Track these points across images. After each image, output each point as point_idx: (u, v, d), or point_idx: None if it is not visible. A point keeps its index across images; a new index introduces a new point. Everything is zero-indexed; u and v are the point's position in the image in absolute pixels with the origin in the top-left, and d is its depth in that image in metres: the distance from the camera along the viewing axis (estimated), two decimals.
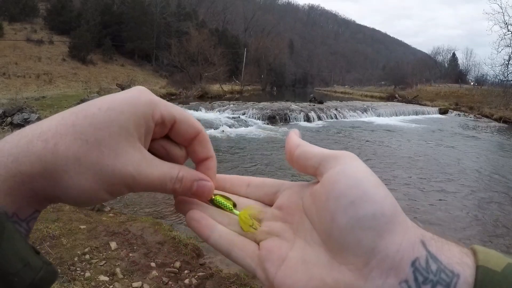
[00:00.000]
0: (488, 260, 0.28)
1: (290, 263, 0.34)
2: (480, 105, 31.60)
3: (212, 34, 44.67)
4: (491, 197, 7.93)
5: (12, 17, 38.82)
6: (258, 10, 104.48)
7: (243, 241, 0.38)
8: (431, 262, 0.28)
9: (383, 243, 0.29)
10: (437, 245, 0.29)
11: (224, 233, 0.39)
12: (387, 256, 0.28)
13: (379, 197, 0.30)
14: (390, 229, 0.29)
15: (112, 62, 42.83)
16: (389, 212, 0.30)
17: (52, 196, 0.34)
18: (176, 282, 3.48)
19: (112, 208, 5.29)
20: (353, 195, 0.30)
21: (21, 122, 10.67)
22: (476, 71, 64.40)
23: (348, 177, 0.32)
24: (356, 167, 0.33)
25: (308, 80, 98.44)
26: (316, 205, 0.34)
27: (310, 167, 0.36)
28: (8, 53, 32.48)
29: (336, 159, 0.34)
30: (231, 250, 0.38)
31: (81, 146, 0.33)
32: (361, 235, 0.29)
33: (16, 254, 0.30)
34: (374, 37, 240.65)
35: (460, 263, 0.28)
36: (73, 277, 3.28)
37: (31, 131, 0.33)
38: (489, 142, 16.31)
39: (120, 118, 0.35)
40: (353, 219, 0.30)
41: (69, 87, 28.17)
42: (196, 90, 31.44)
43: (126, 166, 0.35)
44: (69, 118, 0.34)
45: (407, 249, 0.29)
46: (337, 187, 0.32)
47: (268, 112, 18.09)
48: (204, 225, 0.39)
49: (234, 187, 0.44)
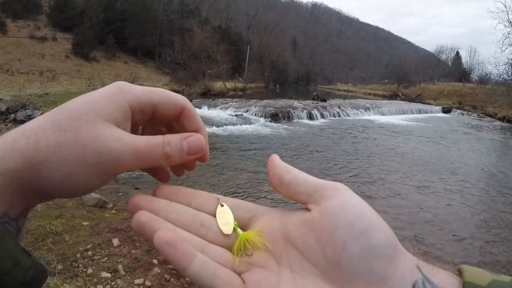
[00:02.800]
0: (474, 277, 0.30)
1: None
2: (484, 104, 31.51)
3: (215, 31, 44.51)
4: (493, 197, 7.91)
5: (16, 14, 38.80)
6: (261, 7, 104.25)
7: (227, 273, 0.35)
8: (426, 284, 0.30)
9: (392, 270, 0.30)
10: (427, 269, 0.31)
11: (205, 262, 0.34)
12: (395, 281, 0.30)
13: (384, 227, 0.32)
14: (396, 256, 0.31)
15: (115, 59, 42.79)
16: (393, 241, 0.31)
17: (39, 189, 0.34)
18: (178, 279, 3.49)
19: (115, 204, 5.29)
20: (362, 225, 0.31)
21: (25, 118, 10.69)
22: (480, 70, 64.33)
23: (354, 207, 0.32)
24: (356, 198, 0.33)
25: (311, 77, 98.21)
26: (317, 235, 0.33)
27: (302, 194, 0.35)
28: (11, 50, 32.47)
29: (335, 189, 0.34)
30: (213, 284, 0.34)
31: (60, 136, 0.34)
32: (373, 263, 0.30)
33: (7, 253, 0.30)
34: (377, 35, 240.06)
35: (449, 283, 0.30)
36: (75, 274, 3.28)
37: (15, 132, 0.35)
38: (493, 142, 16.26)
39: (95, 107, 0.36)
40: (366, 248, 0.30)
41: (73, 84, 28.20)
42: (199, 87, 31.43)
43: (107, 141, 0.35)
44: (49, 116, 0.35)
45: (408, 274, 0.30)
46: (345, 217, 0.32)
47: (271, 109, 18.07)
48: (181, 251, 0.34)
49: (203, 205, 0.40)
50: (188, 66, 36.03)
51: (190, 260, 0.34)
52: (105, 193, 5.62)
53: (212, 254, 0.36)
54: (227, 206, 0.39)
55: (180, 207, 0.39)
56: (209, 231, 0.38)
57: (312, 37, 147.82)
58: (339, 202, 0.33)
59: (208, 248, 0.36)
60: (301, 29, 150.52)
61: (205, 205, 0.39)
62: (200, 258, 0.34)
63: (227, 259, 0.36)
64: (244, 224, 0.38)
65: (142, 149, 0.36)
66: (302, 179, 0.36)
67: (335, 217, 0.32)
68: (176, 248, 0.34)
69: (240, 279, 0.34)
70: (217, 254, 0.36)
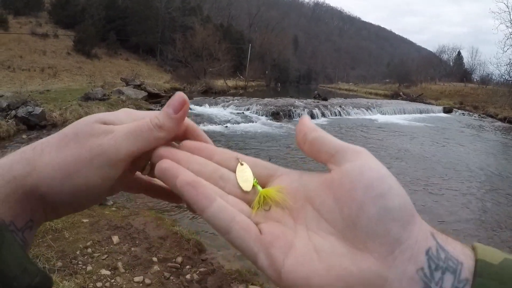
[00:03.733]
0: (486, 255, 0.30)
1: (300, 251, 0.33)
2: (485, 104, 31.43)
3: (216, 29, 44.48)
4: (494, 197, 7.89)
5: (17, 11, 38.85)
6: (263, 5, 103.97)
7: (245, 221, 0.35)
8: (440, 251, 0.30)
9: (406, 234, 0.30)
10: (442, 238, 0.32)
11: (224, 207, 0.35)
12: (409, 246, 0.30)
13: (403, 193, 0.32)
14: (412, 221, 0.31)
15: (117, 56, 42.84)
16: (410, 207, 0.31)
17: (42, 197, 0.36)
18: (177, 277, 3.48)
19: (115, 202, 5.29)
20: (382, 188, 0.31)
21: (25, 115, 10.67)
22: (481, 70, 64.20)
23: (374, 171, 0.33)
24: (378, 163, 0.34)
25: (312, 76, 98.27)
26: (336, 194, 0.34)
27: (324, 153, 0.36)
28: (13, 46, 32.51)
29: (357, 152, 0.35)
30: (231, 228, 0.34)
31: (62, 141, 0.37)
32: (390, 226, 0.30)
33: (15, 260, 0.32)
34: (379, 34, 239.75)
35: (463, 253, 0.31)
36: (74, 271, 3.28)
37: (26, 146, 0.37)
38: (493, 142, 16.23)
39: (97, 116, 0.39)
40: (384, 209, 0.30)
41: (74, 81, 28.21)
42: (200, 85, 31.39)
43: (99, 135, 0.37)
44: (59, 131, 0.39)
45: (422, 240, 0.31)
46: (365, 179, 0.32)
47: (272, 108, 18.04)
48: (201, 193, 0.35)
49: (224, 161, 0.41)
50: (189, 64, 36.01)
51: (211, 202, 0.35)
52: None
53: (231, 202, 0.37)
54: (247, 165, 0.40)
55: (201, 159, 0.40)
56: (227, 183, 0.39)
57: (314, 35, 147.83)
58: (361, 164, 0.33)
59: (227, 198, 0.37)
60: (303, 28, 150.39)
61: (225, 162, 0.41)
62: (220, 202, 0.35)
63: (244, 210, 0.37)
64: (263, 182, 0.39)
65: (132, 128, 0.38)
66: (326, 138, 0.36)
67: (355, 178, 0.33)
68: (198, 190, 0.35)
69: (257, 228, 0.35)
70: (235, 203, 0.37)
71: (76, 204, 0.38)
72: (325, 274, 0.31)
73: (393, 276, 0.30)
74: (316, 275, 0.31)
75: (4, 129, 9.83)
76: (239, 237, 0.34)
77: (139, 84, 20.34)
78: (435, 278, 0.29)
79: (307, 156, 0.38)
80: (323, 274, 0.31)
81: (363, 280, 0.30)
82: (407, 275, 0.29)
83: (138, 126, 0.39)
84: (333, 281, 0.31)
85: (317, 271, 0.31)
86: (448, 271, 0.29)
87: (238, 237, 0.34)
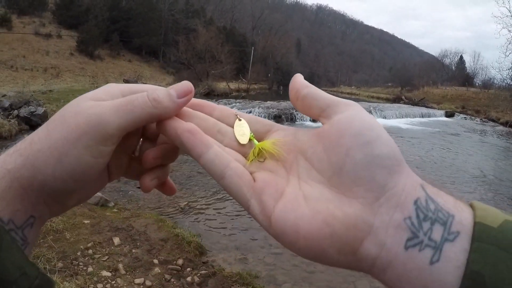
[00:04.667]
0: (485, 217, 0.29)
1: (289, 197, 0.33)
2: (487, 108, 31.37)
3: (219, 32, 44.62)
4: (496, 201, 7.87)
5: (21, 11, 38.99)
6: (266, 8, 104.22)
7: (240, 167, 0.36)
8: (429, 202, 0.30)
9: (393, 182, 0.30)
10: (433, 190, 0.31)
11: (220, 153, 0.37)
12: (395, 193, 0.30)
13: (391, 143, 0.32)
14: (398, 170, 0.31)
15: (120, 57, 42.93)
16: (398, 157, 0.32)
17: (40, 187, 0.35)
18: (178, 280, 3.48)
19: (116, 203, 5.29)
20: (369, 136, 0.32)
21: (28, 115, 10.70)
22: (483, 75, 64.04)
23: (363, 121, 0.33)
24: (367, 114, 0.34)
25: (315, 80, 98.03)
26: (325, 143, 0.34)
27: (316, 108, 0.37)
28: (16, 46, 32.61)
29: (347, 105, 0.35)
30: (225, 173, 0.35)
31: (49, 125, 0.36)
32: (375, 172, 0.30)
33: (14, 263, 0.31)
34: (382, 38, 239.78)
35: (454, 206, 0.30)
36: (75, 272, 3.28)
37: (19, 141, 0.37)
38: (495, 146, 16.20)
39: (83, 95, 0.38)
40: (369, 156, 0.31)
41: (76, 82, 28.29)
42: (203, 88, 31.41)
43: (87, 111, 0.35)
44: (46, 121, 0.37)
45: (411, 189, 0.30)
46: (354, 126, 0.33)
47: (274, 111, 18.01)
48: (199, 140, 0.37)
49: (223, 117, 0.42)
50: (192, 66, 36.11)
51: (207, 148, 0.36)
52: (106, 192, 5.61)
53: (227, 152, 0.38)
54: (244, 120, 0.41)
55: (201, 114, 0.41)
56: (225, 137, 0.40)
57: (317, 39, 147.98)
58: (350, 114, 0.34)
59: (223, 148, 0.38)
60: (306, 31, 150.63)
61: (225, 118, 0.42)
62: (216, 148, 0.37)
63: (240, 160, 0.38)
64: (259, 137, 0.40)
65: (123, 101, 0.37)
66: (317, 94, 0.37)
67: (344, 126, 0.33)
68: (195, 136, 0.37)
69: (250, 176, 0.36)
70: (231, 153, 0.38)
71: (76, 189, 0.37)
72: (311, 219, 0.31)
73: (379, 222, 0.30)
74: (303, 221, 0.31)
75: (6, 128, 9.86)
76: (233, 183, 0.35)
77: None
78: (423, 228, 0.29)
79: (300, 112, 0.39)
80: (310, 219, 0.31)
81: (348, 224, 0.30)
82: (394, 223, 0.29)
83: (131, 99, 0.37)
84: (319, 225, 0.31)
85: (304, 217, 0.31)
86: (437, 222, 0.29)
87: (232, 183, 0.35)
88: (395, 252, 0.29)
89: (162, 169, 0.43)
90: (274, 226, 0.33)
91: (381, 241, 0.29)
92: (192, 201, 6.07)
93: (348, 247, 0.30)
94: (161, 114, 0.38)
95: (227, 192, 0.36)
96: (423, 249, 0.28)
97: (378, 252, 0.29)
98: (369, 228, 0.30)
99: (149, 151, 0.41)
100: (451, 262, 0.28)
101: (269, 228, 0.33)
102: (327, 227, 0.30)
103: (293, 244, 0.32)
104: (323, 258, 0.31)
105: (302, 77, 0.40)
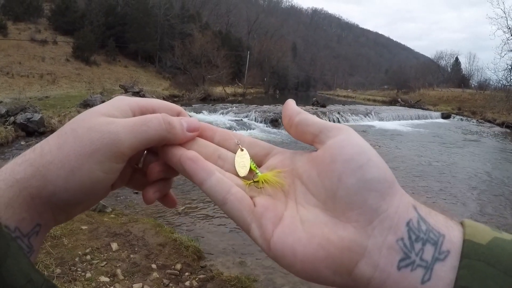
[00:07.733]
0: (474, 234, 0.30)
1: (287, 221, 0.35)
2: (483, 109, 31.56)
3: (215, 36, 44.57)
4: (493, 203, 7.90)
5: (17, 17, 38.88)
6: (262, 13, 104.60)
7: (240, 193, 0.38)
8: (421, 223, 0.31)
9: (385, 205, 0.31)
10: (424, 211, 0.32)
11: (221, 180, 0.38)
12: (388, 216, 0.31)
13: (382, 165, 0.33)
14: (391, 193, 0.32)
15: (116, 63, 42.85)
16: (390, 179, 0.32)
17: (49, 197, 0.35)
18: (176, 284, 3.48)
19: (114, 209, 5.29)
20: (361, 160, 0.33)
21: (24, 121, 10.68)
22: (479, 76, 64.39)
23: (354, 145, 0.34)
24: (358, 137, 0.35)
25: (311, 83, 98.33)
26: (319, 168, 0.35)
27: (309, 133, 0.38)
28: (12, 52, 32.53)
29: (339, 129, 0.36)
30: (227, 199, 0.37)
31: (60, 138, 0.37)
32: (367, 196, 0.31)
33: (20, 270, 0.31)
34: (377, 41, 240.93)
35: (445, 225, 0.31)
36: (73, 278, 3.27)
37: (26, 150, 0.37)
38: (492, 148, 16.28)
39: (94, 109, 0.39)
40: (361, 180, 0.32)
41: (73, 88, 28.21)
42: (199, 92, 31.45)
43: (100, 128, 0.36)
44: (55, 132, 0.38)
45: (403, 211, 0.31)
46: (345, 152, 0.34)
47: (271, 115, 18.02)
48: (201, 167, 0.38)
49: (224, 141, 0.43)
50: (188, 71, 36.08)
51: (209, 175, 0.38)
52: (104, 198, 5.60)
53: (228, 177, 0.39)
54: (246, 151, 0.42)
55: (202, 141, 0.42)
56: (226, 163, 0.41)
57: (312, 42, 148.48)
58: (341, 139, 0.35)
59: (224, 173, 0.40)
60: (301, 35, 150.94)
61: (225, 141, 0.43)
62: (217, 175, 0.38)
63: (240, 185, 0.39)
64: (259, 160, 0.42)
65: (137, 121, 0.38)
66: (310, 119, 0.38)
67: (335, 151, 0.34)
68: (197, 164, 0.38)
69: (251, 200, 0.37)
70: (232, 178, 0.39)
71: (83, 201, 0.38)
72: (307, 242, 0.32)
73: (372, 245, 0.30)
74: (300, 244, 0.32)
75: (3, 135, 9.84)
76: (234, 208, 0.37)
77: (138, 91, 20.44)
78: (415, 249, 0.30)
79: (294, 138, 0.40)
80: (306, 243, 0.32)
81: (342, 248, 0.31)
82: (387, 244, 0.30)
83: (145, 120, 0.39)
84: (315, 249, 0.32)
85: (301, 240, 0.33)
86: (429, 243, 0.30)
87: (233, 208, 0.37)
88: (388, 272, 0.30)
89: (165, 182, 0.44)
90: (273, 250, 0.34)
91: (375, 262, 0.30)
92: (189, 205, 6.07)
93: (343, 268, 0.31)
94: (171, 139, 0.40)
95: (229, 216, 0.37)
96: (415, 269, 0.29)
97: (372, 273, 0.30)
98: (363, 250, 0.30)
99: (154, 165, 0.42)
100: (442, 280, 0.28)
101: (269, 251, 0.34)
102: (322, 250, 0.31)
103: (291, 267, 0.33)
104: (320, 279, 0.32)
105: (294, 103, 0.41)
